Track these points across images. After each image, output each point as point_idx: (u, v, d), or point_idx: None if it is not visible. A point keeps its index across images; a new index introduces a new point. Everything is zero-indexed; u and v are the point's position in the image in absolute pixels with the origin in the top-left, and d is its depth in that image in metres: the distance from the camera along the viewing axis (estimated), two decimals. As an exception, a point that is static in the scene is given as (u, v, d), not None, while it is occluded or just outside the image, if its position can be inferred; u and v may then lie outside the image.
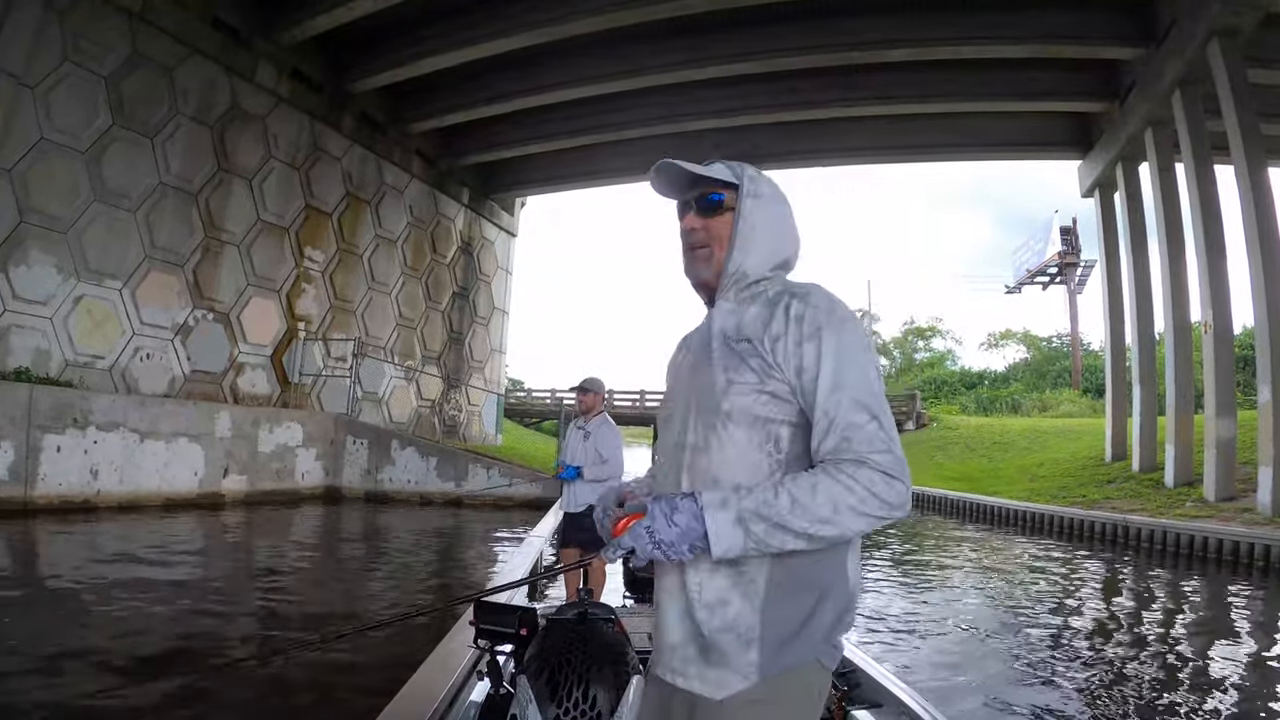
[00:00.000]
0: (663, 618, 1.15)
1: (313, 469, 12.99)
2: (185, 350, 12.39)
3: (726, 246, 1.21)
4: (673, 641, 1.12)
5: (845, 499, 1.00)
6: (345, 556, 8.47)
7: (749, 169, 1.24)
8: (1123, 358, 16.08)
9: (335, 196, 15.73)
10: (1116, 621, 6.32)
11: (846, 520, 1.00)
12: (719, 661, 1.06)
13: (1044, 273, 36.62)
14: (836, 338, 1.08)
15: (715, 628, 1.07)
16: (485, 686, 2.31)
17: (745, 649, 1.05)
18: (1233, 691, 4.42)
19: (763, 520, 1.00)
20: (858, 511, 1.00)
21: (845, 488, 1.00)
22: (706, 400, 1.14)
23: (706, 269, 1.23)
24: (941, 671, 4.66)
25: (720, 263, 1.21)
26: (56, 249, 10.43)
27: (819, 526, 1.00)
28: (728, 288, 1.21)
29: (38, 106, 10.19)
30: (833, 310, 1.11)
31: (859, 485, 1.00)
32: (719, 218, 1.21)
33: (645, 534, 1.04)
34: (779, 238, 1.23)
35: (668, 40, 14.24)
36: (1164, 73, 12.30)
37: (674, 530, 1.02)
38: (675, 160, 1.19)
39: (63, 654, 4.11)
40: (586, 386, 4.84)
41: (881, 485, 1.01)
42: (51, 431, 9.13)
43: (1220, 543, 9.22)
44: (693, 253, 1.24)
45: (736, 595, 1.07)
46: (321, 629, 5.11)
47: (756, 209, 1.20)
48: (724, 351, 1.15)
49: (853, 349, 1.09)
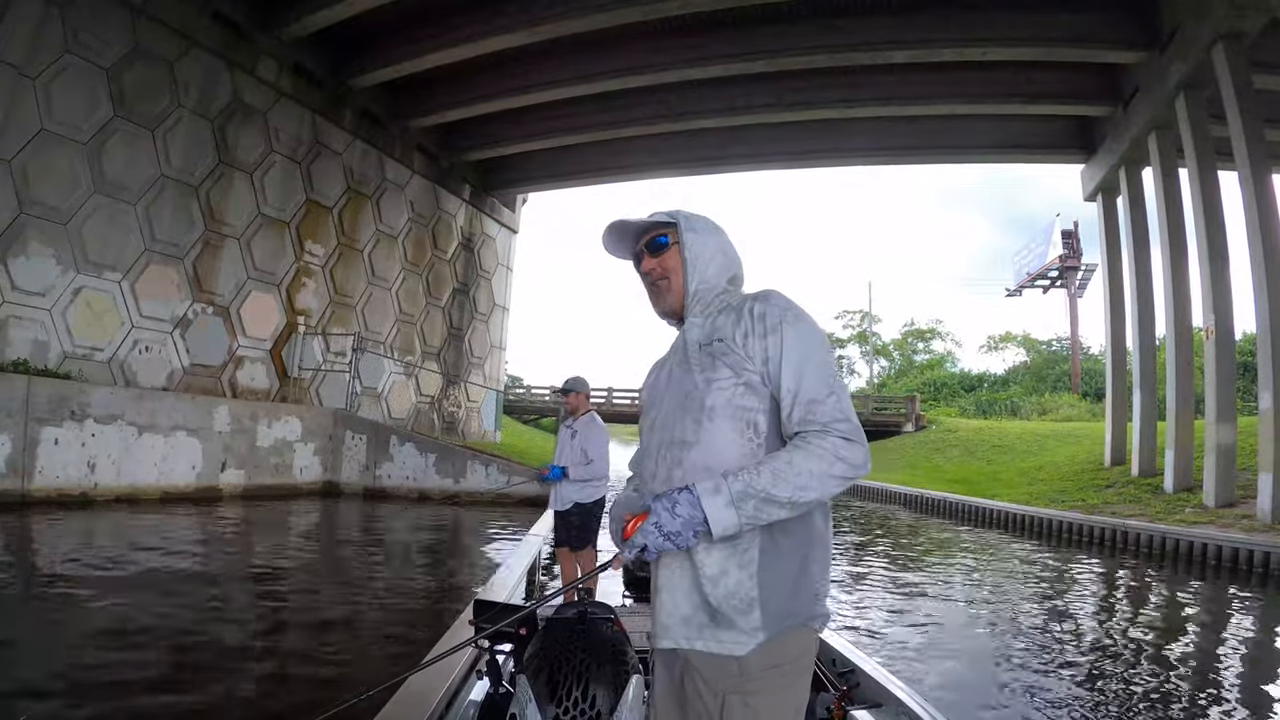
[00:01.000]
0: (670, 595, 1.31)
1: (311, 464, 12.96)
2: (184, 343, 12.36)
3: (681, 274, 1.44)
4: (685, 613, 1.28)
5: (817, 465, 1.20)
6: (342, 554, 8.44)
7: (682, 210, 1.48)
8: (1123, 362, 16.07)
9: (336, 191, 15.69)
10: (1115, 627, 6.30)
11: (821, 483, 1.20)
12: (727, 624, 1.24)
13: (1045, 276, 36.62)
14: (795, 329, 1.30)
15: (720, 596, 1.24)
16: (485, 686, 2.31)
17: (748, 611, 1.24)
18: (1232, 698, 4.40)
19: (751, 497, 1.18)
20: (829, 475, 1.20)
21: (816, 456, 1.20)
22: (691, 401, 1.34)
23: (671, 297, 1.46)
24: (941, 673, 4.64)
25: (680, 288, 1.45)
26: (56, 240, 10.40)
27: (800, 493, 1.19)
28: (692, 307, 1.44)
29: (38, 98, 10.15)
30: (788, 308, 1.33)
31: (826, 452, 1.21)
32: (668, 253, 1.46)
33: (654, 529, 1.21)
34: (723, 258, 1.47)
35: (671, 38, 14.20)
36: (1168, 76, 12.27)
37: (678, 520, 1.20)
38: (623, 218, 1.45)
39: (54, 651, 4.08)
40: (569, 387, 4.89)
41: (845, 449, 1.21)
42: (49, 424, 9.10)
43: (1220, 549, 9.20)
44: (655, 287, 1.47)
45: (734, 565, 1.25)
46: (317, 634, 5.09)
47: (696, 240, 1.45)
48: (700, 357, 1.36)
49: (809, 338, 1.31)
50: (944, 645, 5.40)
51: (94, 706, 3.38)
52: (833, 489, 1.21)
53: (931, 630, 5.85)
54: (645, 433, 1.46)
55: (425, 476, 13.18)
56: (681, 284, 1.44)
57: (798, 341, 1.29)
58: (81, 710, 3.34)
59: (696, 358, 1.36)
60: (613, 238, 1.49)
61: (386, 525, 10.43)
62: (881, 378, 43.52)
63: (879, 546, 10.74)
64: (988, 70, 14.44)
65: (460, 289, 20.41)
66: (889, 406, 29.89)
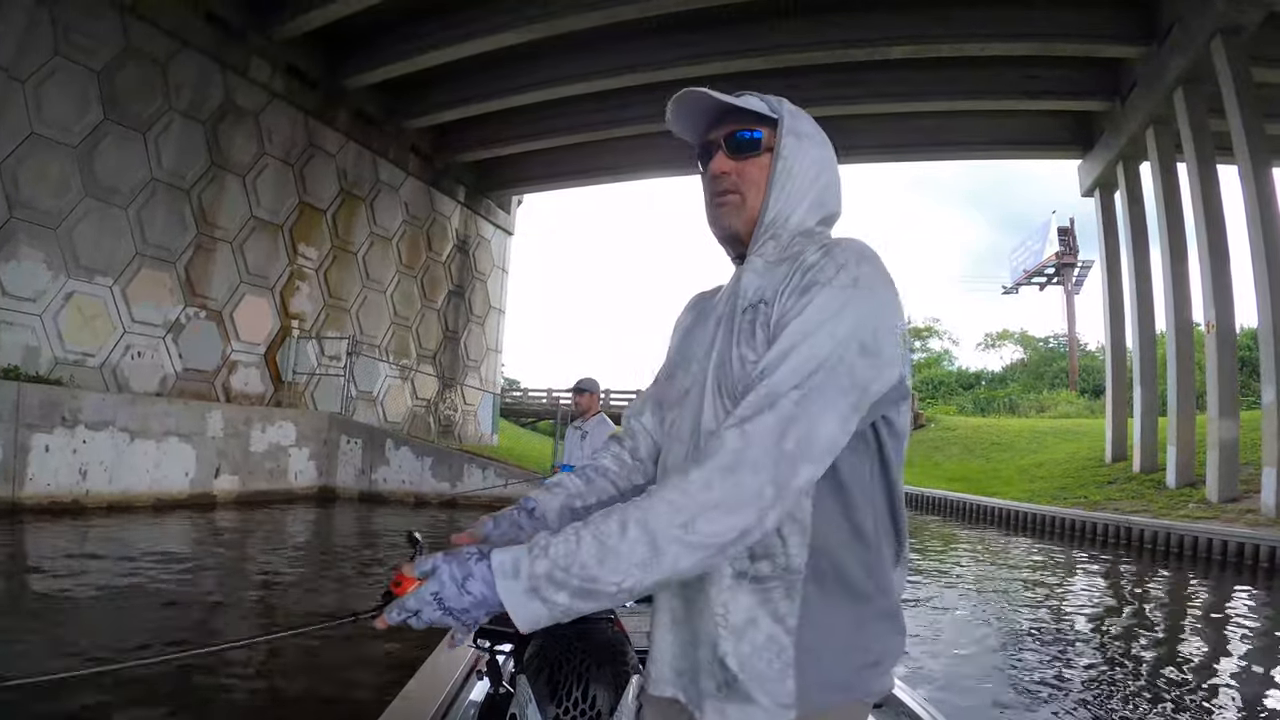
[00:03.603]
0: (674, 635, 0.95)
1: (306, 469, 12.84)
2: (177, 348, 12.23)
3: (763, 192, 1.00)
4: (683, 667, 0.93)
5: (665, 525, 0.76)
6: (339, 559, 8.34)
7: (787, 103, 1.04)
8: (1123, 358, 16.04)
9: (330, 193, 15.58)
10: (1120, 623, 6.23)
11: (674, 556, 0.76)
12: (743, 696, 0.86)
13: (1041, 273, 36.70)
14: (836, 295, 0.85)
15: (743, 655, 0.87)
16: (485, 686, 2.29)
17: (779, 680, 0.85)
18: (1239, 695, 4.34)
19: (560, 587, 0.77)
20: (683, 542, 0.76)
21: (665, 508, 0.77)
22: (724, 381, 0.95)
23: (737, 218, 1.01)
24: (942, 673, 4.57)
25: (754, 211, 1.00)
26: (46, 245, 10.27)
27: (637, 574, 0.76)
28: (763, 241, 1.00)
29: (28, 100, 10.02)
30: (851, 267, 0.87)
31: (684, 498, 0.77)
32: (753, 159, 1.01)
33: (433, 600, 0.81)
34: (824, 186, 1.03)
35: (667, 36, 14.13)
36: (1166, 71, 12.23)
37: (467, 599, 0.81)
38: (705, 89, 0.98)
39: (44, 654, 3.98)
40: (583, 387, 4.84)
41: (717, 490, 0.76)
42: (40, 430, 8.97)
43: (1225, 544, 9.15)
44: (719, 199, 1.02)
45: (766, 614, 0.87)
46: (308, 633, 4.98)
47: (798, 149, 1.00)
48: (742, 322, 0.96)
49: (845, 314, 0.84)
50: (945, 644, 5.32)
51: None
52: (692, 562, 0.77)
53: (932, 629, 5.77)
54: (675, 402, 1.06)
55: (422, 480, 13.07)
56: (759, 204, 1.00)
57: (823, 309, 0.84)
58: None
59: (741, 322, 0.96)
60: (683, 111, 1.02)
61: (383, 527, 10.31)
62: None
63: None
64: (985, 66, 14.40)
65: (455, 291, 20.30)
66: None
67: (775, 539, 0.88)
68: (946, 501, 15.17)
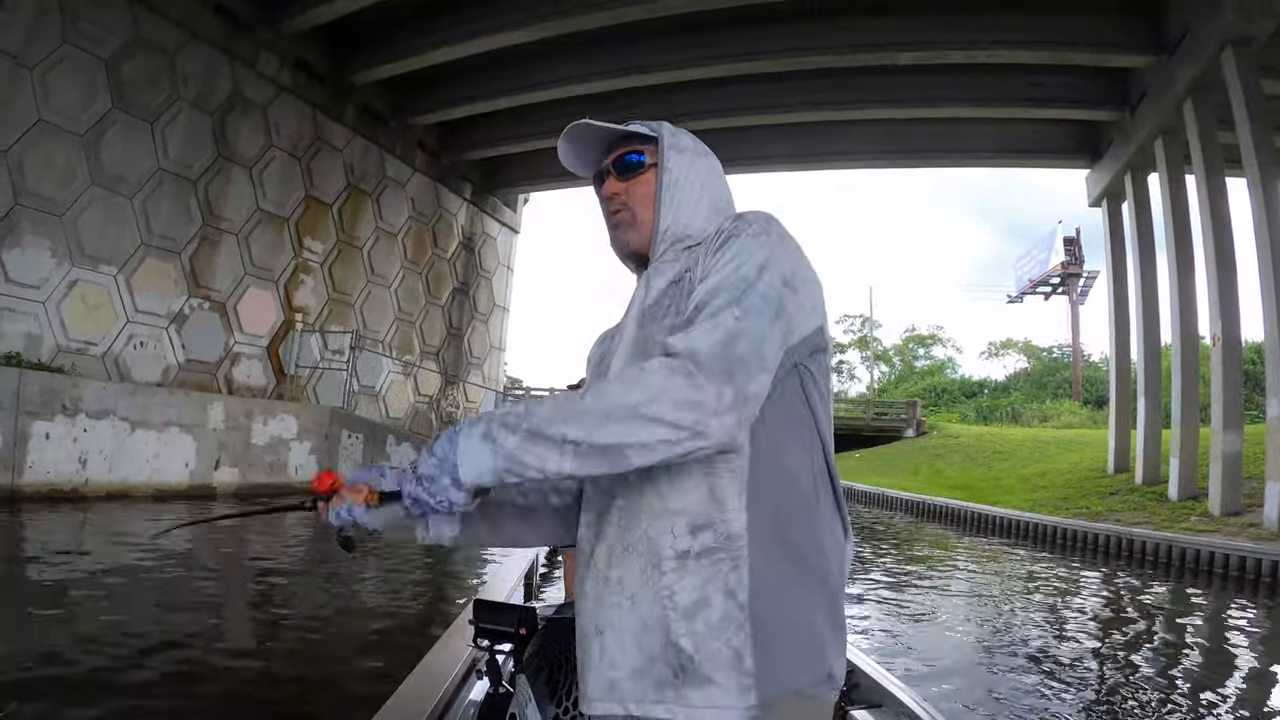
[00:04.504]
0: (614, 636, 0.89)
1: (306, 463, 12.82)
2: (180, 339, 12.24)
3: (652, 206, 1.06)
4: (636, 664, 0.87)
5: (626, 395, 0.78)
6: (336, 553, 8.30)
7: (666, 124, 1.10)
8: (1127, 368, 15.97)
9: (336, 188, 15.59)
10: (1121, 635, 6.18)
11: (626, 423, 0.77)
12: (701, 679, 0.83)
13: (1046, 283, 36.65)
14: (752, 242, 0.90)
15: (699, 635, 0.84)
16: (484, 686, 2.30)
17: (736, 659, 0.83)
18: (1240, 708, 4.30)
19: (511, 431, 0.80)
20: (641, 411, 0.77)
21: (635, 380, 0.80)
22: (644, 349, 0.97)
23: (631, 232, 1.07)
24: (940, 679, 4.54)
25: (647, 224, 1.06)
26: (51, 232, 10.28)
27: (588, 433, 0.78)
28: (663, 250, 1.05)
29: (35, 88, 10.05)
30: (763, 225, 0.93)
31: (656, 376, 0.79)
32: (639, 178, 1.07)
33: (410, 468, 0.86)
34: (714, 192, 1.08)
35: (674, 38, 14.12)
36: (1175, 81, 12.18)
37: (431, 460, 0.83)
38: (589, 120, 1.05)
39: (39, 646, 3.96)
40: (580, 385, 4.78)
41: (683, 376, 0.79)
42: (40, 418, 8.97)
43: (1227, 558, 9.08)
44: (614, 218, 1.08)
45: (717, 590, 0.85)
46: (312, 634, 4.97)
47: (680, 161, 1.06)
48: (664, 304, 0.98)
49: (759, 254, 0.89)
50: (946, 649, 5.29)
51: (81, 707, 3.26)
52: (644, 437, 0.77)
53: (932, 635, 5.74)
54: None
55: (422, 476, 13.02)
56: (649, 218, 1.06)
57: (742, 256, 0.89)
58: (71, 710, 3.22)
59: (663, 302, 0.98)
60: (573, 148, 1.08)
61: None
62: (882, 383, 43.47)
63: (880, 547, 10.61)
64: (993, 73, 14.37)
65: (460, 288, 20.31)
66: (890, 411, 29.78)
67: (712, 505, 0.87)
68: (948, 509, 15.11)
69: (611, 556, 0.92)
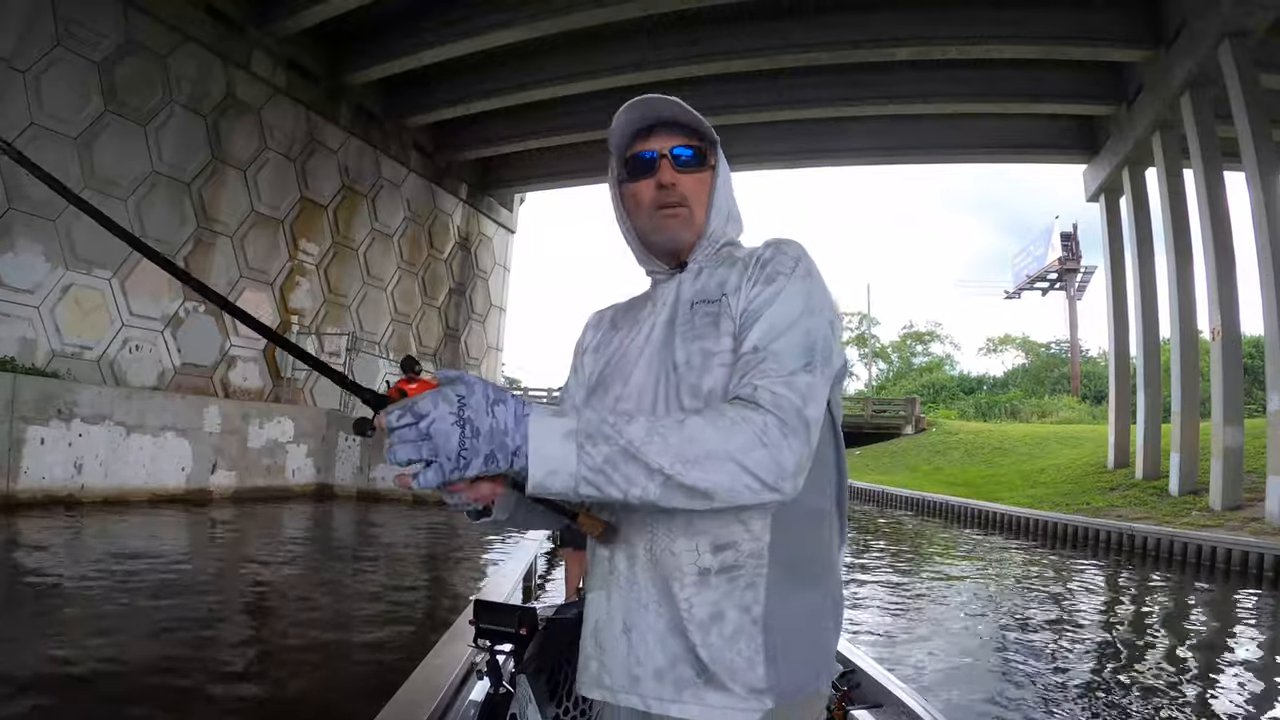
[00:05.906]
0: (639, 636, 0.92)
1: (303, 466, 12.77)
2: (175, 342, 12.17)
3: (704, 206, 1.06)
4: (659, 664, 0.90)
5: (725, 441, 0.79)
6: (335, 556, 8.27)
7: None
8: (1127, 363, 15.97)
9: (331, 189, 15.53)
10: (1123, 630, 6.16)
11: (720, 469, 0.79)
12: (718, 686, 0.87)
13: (1044, 278, 36.67)
14: (801, 286, 0.94)
15: (715, 647, 0.88)
16: (485, 686, 2.32)
17: (749, 668, 0.87)
18: (1241, 702, 4.28)
19: (606, 441, 0.77)
20: (736, 461, 0.79)
21: (729, 427, 0.80)
22: (685, 379, 0.95)
23: (688, 230, 1.06)
24: (941, 675, 4.52)
25: (700, 223, 1.06)
26: (44, 237, 10.21)
27: (681, 468, 0.78)
28: (701, 251, 1.07)
29: (28, 91, 9.98)
30: (802, 260, 0.97)
31: (747, 427, 0.80)
32: (697, 174, 1.06)
33: (455, 401, 0.74)
34: (735, 201, 1.13)
35: (671, 35, 14.09)
36: (1173, 75, 12.16)
37: (488, 420, 0.75)
38: (659, 96, 1.04)
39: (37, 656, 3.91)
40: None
41: (775, 435, 0.80)
42: (35, 423, 8.92)
43: (1229, 552, 9.06)
44: (668, 211, 1.05)
45: (732, 606, 0.89)
46: (312, 636, 4.93)
47: (724, 168, 1.10)
48: (695, 320, 0.99)
49: (813, 302, 0.94)
50: (946, 647, 5.26)
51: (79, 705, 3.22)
52: (730, 484, 0.79)
53: (932, 632, 5.70)
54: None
55: (421, 478, 12.97)
56: (703, 217, 1.06)
57: (795, 300, 0.92)
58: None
59: (689, 320, 0.99)
60: (636, 116, 1.07)
61: (382, 528, 10.24)
62: (880, 380, 43.46)
63: (879, 546, 10.59)
64: (990, 68, 14.36)
65: (456, 289, 20.26)
66: (888, 409, 29.76)
67: (738, 525, 0.90)
68: (949, 506, 15.09)
69: (634, 562, 0.94)
